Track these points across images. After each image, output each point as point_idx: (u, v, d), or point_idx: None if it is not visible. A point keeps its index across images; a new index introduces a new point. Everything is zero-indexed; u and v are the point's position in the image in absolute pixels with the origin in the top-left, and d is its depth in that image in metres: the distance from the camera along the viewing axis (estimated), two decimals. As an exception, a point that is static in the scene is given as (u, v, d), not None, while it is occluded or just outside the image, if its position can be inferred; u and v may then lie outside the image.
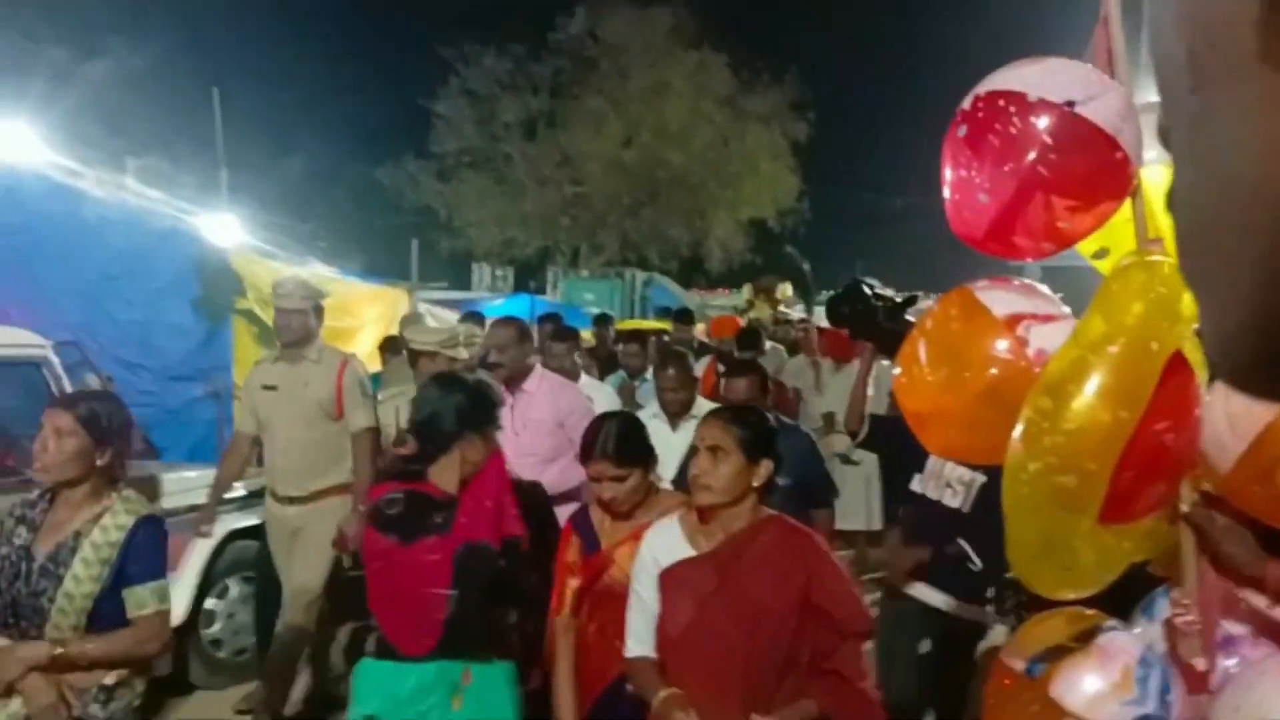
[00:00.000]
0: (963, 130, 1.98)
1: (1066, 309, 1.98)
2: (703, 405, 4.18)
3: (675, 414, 4.37)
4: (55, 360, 4.84)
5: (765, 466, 2.43)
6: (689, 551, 2.48)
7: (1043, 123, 1.88)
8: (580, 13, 26.89)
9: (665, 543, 2.54)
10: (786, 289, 20.18)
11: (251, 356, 6.78)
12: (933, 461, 3.37)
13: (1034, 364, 1.83)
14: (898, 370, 2.21)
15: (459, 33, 26.74)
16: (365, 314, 8.80)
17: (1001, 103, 1.93)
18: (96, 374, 5.56)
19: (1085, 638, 1.97)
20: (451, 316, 10.63)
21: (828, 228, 30.62)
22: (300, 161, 24.09)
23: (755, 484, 2.42)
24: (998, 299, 1.94)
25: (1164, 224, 2.14)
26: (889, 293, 3.97)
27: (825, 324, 9.27)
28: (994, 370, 1.88)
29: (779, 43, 33.30)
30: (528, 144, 27.58)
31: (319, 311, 4.82)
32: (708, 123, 26.95)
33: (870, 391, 3.86)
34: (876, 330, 3.67)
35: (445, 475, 2.77)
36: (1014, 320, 1.89)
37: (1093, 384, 1.58)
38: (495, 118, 27.29)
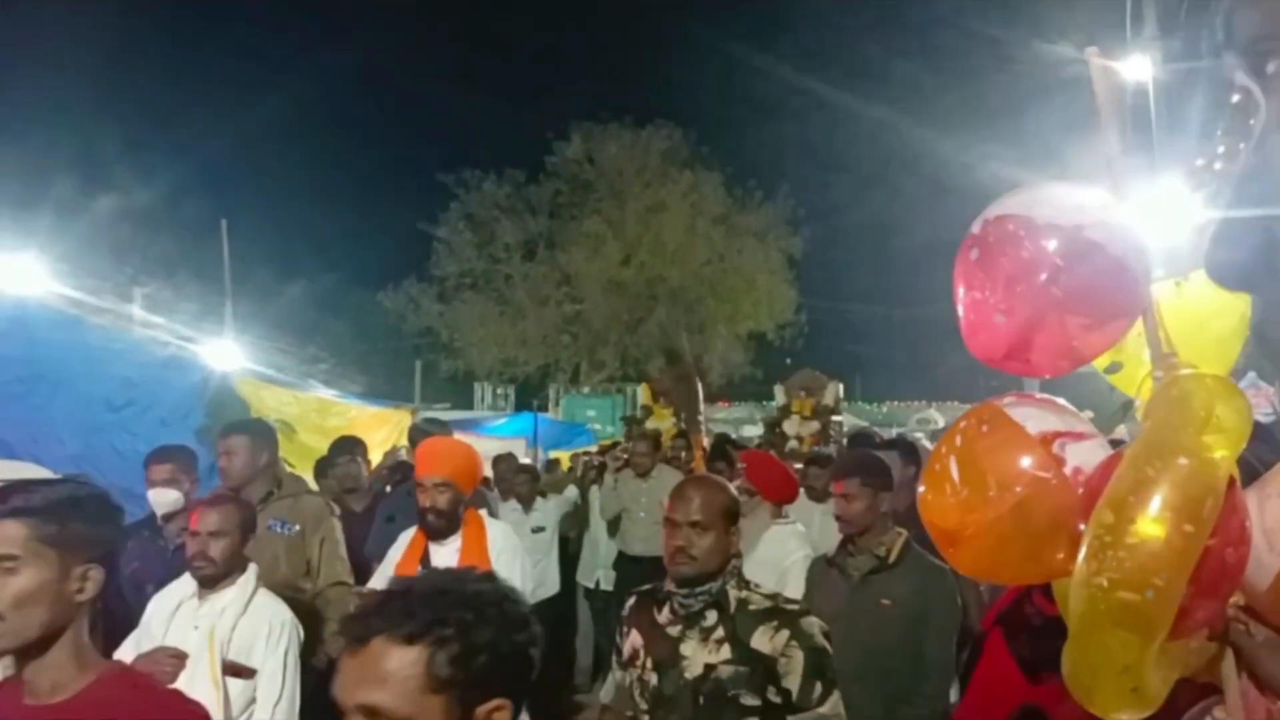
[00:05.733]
0: (975, 254, 2.03)
1: (1093, 426, 1.96)
2: None
3: None
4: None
5: None
6: None
7: (1052, 245, 1.93)
8: (576, 137, 27.63)
9: None
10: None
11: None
12: None
13: (1072, 482, 1.80)
14: (922, 488, 2.16)
15: (458, 159, 27.48)
16: (372, 437, 8.76)
17: (1011, 227, 1.97)
18: None
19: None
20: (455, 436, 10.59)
21: (826, 339, 30.86)
22: (304, 287, 24.46)
23: None
24: (1029, 416, 1.92)
25: (1174, 337, 2.16)
26: None
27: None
28: (1031, 488, 1.84)
29: (771, 161, 34.14)
30: (527, 265, 27.98)
31: None
32: (704, 240, 27.40)
33: None
34: None
35: None
36: (1049, 438, 1.86)
37: (1157, 499, 1.57)
38: (495, 240, 27.76)
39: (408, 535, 4.30)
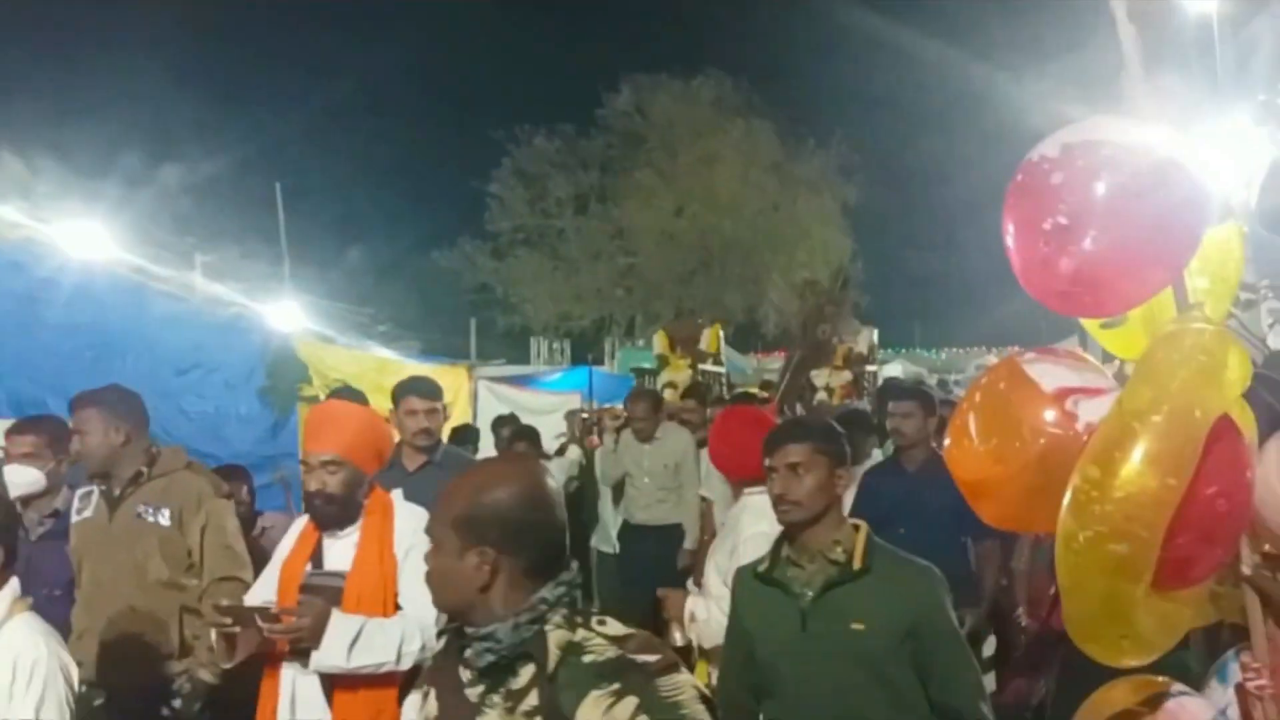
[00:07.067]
0: (1057, 177, 1.82)
1: (1113, 381, 1.97)
2: None
3: None
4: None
5: None
6: None
7: (1144, 173, 1.76)
8: (626, 89, 27.48)
9: None
10: (716, 336, 14.14)
11: (317, 443, 6.92)
12: None
13: (1084, 437, 1.83)
14: (948, 442, 2.21)
15: (509, 115, 27.52)
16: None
17: (1106, 152, 1.80)
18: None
19: (1155, 703, 1.93)
20: (513, 393, 10.77)
21: (883, 287, 30.51)
22: (359, 248, 24.78)
23: None
24: (1045, 372, 1.95)
25: (1199, 289, 2.10)
26: None
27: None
28: (1045, 444, 1.88)
29: (823, 107, 33.56)
30: (580, 219, 28.04)
31: None
32: (757, 190, 27.20)
33: None
34: None
35: None
36: (1062, 394, 1.90)
37: (1139, 452, 1.58)
38: (547, 195, 27.85)
39: (299, 525, 3.41)
